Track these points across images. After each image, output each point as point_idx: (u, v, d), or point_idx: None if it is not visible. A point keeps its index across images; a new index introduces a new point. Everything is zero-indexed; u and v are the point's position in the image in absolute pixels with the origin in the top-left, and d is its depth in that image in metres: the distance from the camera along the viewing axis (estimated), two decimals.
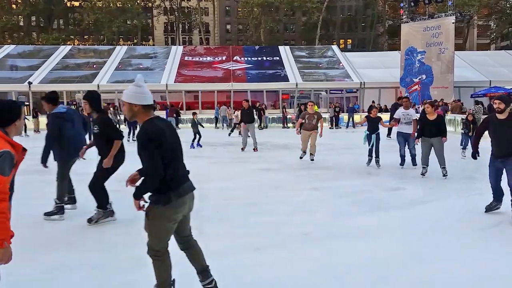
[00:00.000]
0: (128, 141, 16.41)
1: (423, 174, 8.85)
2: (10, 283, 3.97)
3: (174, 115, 24.69)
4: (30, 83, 28.01)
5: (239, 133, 20.74)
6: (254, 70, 32.20)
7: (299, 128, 11.22)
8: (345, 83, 31.18)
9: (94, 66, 32.04)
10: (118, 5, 54.67)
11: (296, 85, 29.82)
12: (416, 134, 9.14)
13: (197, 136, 14.85)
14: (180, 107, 28.70)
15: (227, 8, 68.72)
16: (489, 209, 5.95)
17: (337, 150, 14.06)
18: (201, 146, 14.87)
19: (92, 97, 5.76)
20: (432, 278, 3.99)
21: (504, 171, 5.62)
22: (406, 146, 10.01)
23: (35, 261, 4.51)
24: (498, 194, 5.90)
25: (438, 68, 27.04)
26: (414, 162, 9.93)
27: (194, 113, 16.28)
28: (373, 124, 10.13)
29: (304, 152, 11.22)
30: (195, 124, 14.92)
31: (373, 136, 10.00)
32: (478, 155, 6.07)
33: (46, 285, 3.97)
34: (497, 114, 5.59)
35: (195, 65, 32.94)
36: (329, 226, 5.64)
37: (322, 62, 33.96)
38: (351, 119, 25.33)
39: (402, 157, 9.99)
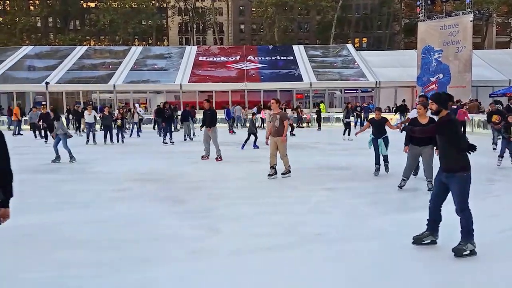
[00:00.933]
0: (166, 143, 16.32)
1: (400, 187, 7.59)
2: (22, 280, 3.96)
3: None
4: (47, 83, 28.39)
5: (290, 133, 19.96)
6: (267, 69, 32.11)
7: (268, 136, 9.19)
8: (360, 83, 30.88)
9: (110, 66, 32.35)
10: (133, 6, 55.12)
11: (310, 84, 29.65)
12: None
13: (252, 137, 14.31)
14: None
15: (241, 8, 68.76)
16: (417, 240, 4.71)
17: (353, 150, 13.90)
18: (258, 147, 14.19)
19: None
20: (447, 280, 3.87)
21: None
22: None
23: (48, 259, 4.50)
24: (433, 220, 4.66)
25: (456, 67, 26.56)
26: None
27: (253, 114, 15.85)
28: (378, 127, 8.93)
29: (272, 167, 8.85)
30: (254, 125, 14.57)
31: (380, 140, 8.86)
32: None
33: (57, 283, 3.94)
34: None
35: (209, 65, 33.00)
36: (343, 227, 5.53)
37: (336, 61, 33.69)
38: (366, 119, 25.09)
39: None
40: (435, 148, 7.10)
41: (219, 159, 11.54)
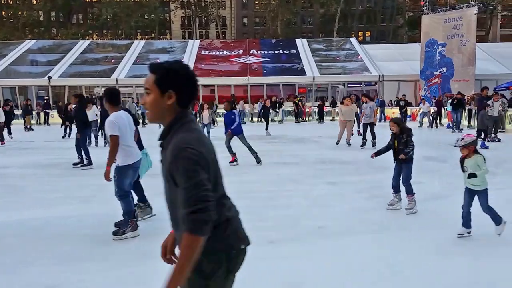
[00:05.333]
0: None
1: None
2: (26, 273, 4.01)
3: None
4: (49, 77, 28.43)
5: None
6: (270, 63, 32.01)
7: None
8: (363, 76, 30.75)
9: (113, 60, 32.33)
10: (135, 0, 54.98)
11: (313, 78, 29.56)
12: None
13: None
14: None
15: (244, 1, 68.44)
16: None
17: (355, 144, 13.86)
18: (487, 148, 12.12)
19: None
20: (448, 272, 3.89)
21: None
22: None
23: (51, 253, 4.56)
24: None
25: (459, 61, 26.41)
26: None
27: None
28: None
29: None
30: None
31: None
32: None
33: (60, 277, 3.99)
34: None
35: (212, 59, 32.92)
36: (345, 221, 5.57)
37: (340, 55, 33.55)
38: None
39: None
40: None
41: None
